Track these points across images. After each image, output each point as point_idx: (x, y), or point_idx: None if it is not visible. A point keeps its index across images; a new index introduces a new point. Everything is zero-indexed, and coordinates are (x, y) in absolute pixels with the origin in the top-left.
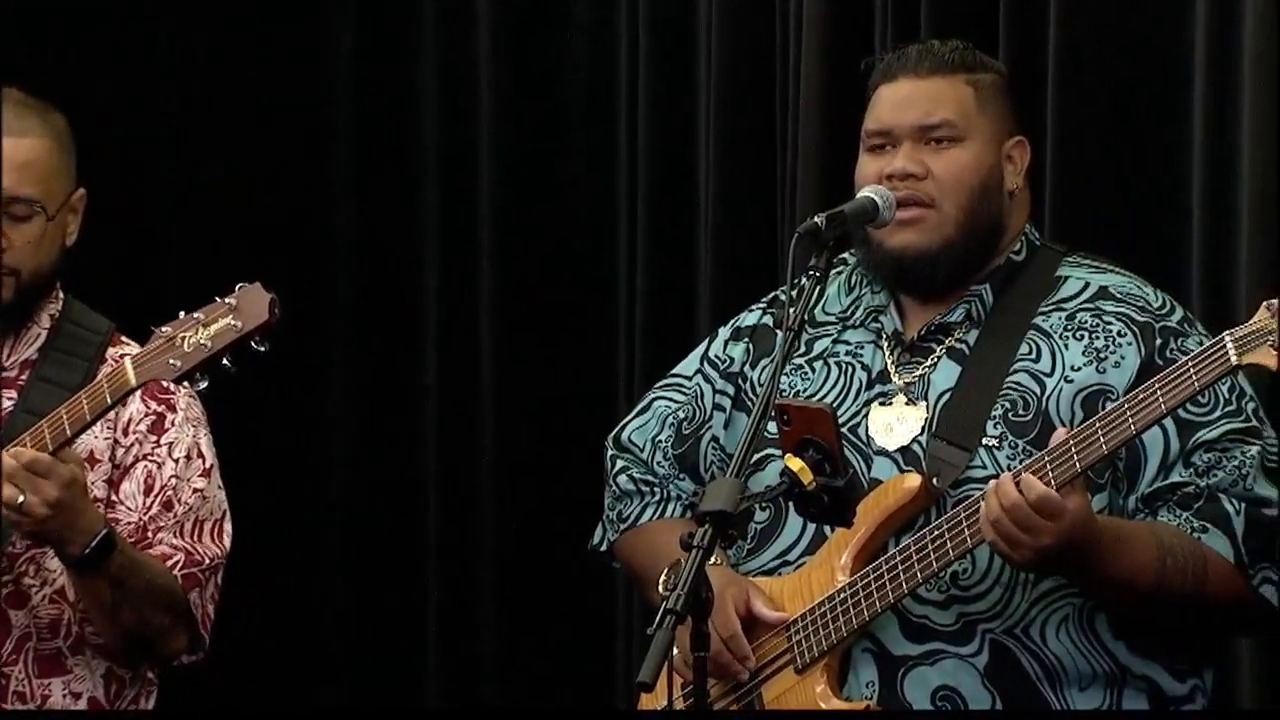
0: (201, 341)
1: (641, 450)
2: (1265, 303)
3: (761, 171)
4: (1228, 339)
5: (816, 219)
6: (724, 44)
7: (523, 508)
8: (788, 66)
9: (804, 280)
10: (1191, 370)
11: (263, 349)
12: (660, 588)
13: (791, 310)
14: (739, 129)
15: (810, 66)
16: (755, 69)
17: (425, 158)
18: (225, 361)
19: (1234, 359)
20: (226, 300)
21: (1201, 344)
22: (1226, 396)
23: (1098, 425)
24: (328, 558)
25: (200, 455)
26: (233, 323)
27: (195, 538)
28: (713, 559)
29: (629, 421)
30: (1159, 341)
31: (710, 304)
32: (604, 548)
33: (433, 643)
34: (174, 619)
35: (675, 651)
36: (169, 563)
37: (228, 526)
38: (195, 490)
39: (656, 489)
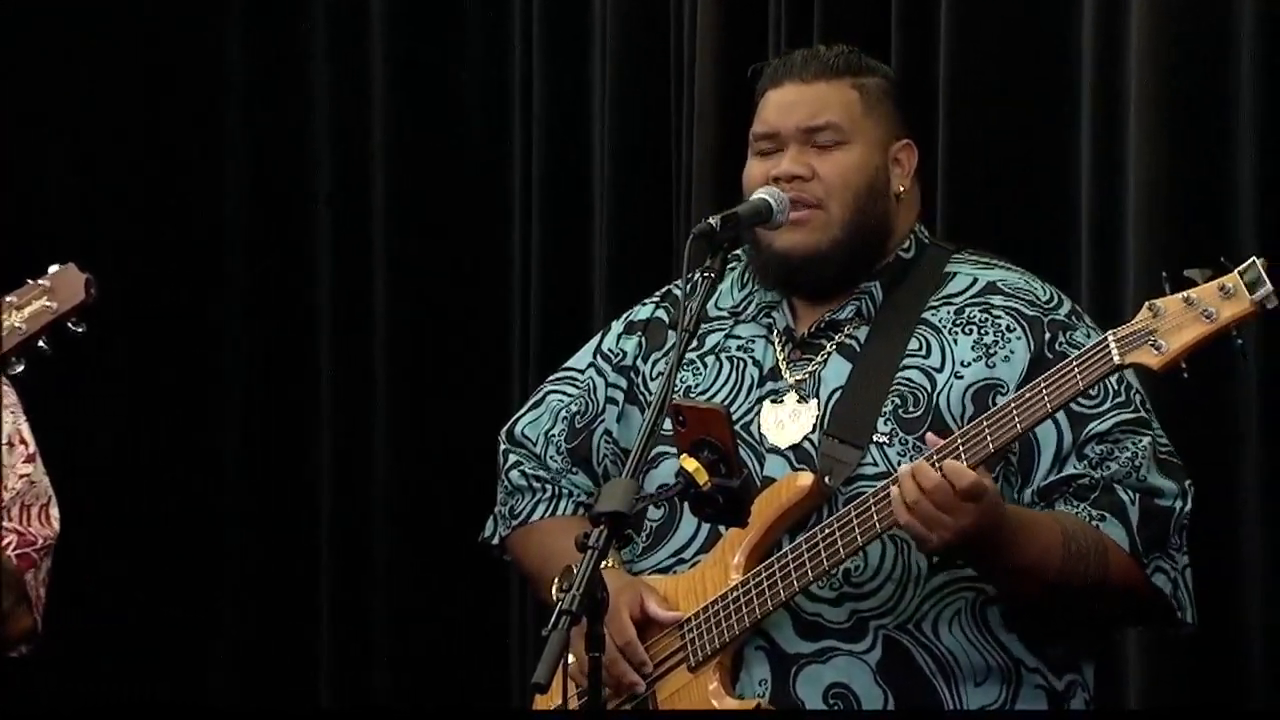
0: (16, 324)
1: (534, 444)
2: (1148, 302)
3: (656, 171)
4: (1111, 339)
5: (711, 220)
6: (618, 44)
7: (416, 503)
8: (682, 67)
9: (698, 279)
10: (1076, 370)
11: (80, 329)
12: (555, 589)
13: (689, 305)
14: (633, 128)
15: (704, 67)
16: (649, 69)
17: (318, 158)
18: (42, 344)
19: (1117, 359)
20: (40, 282)
21: (1090, 336)
22: (1116, 388)
23: (985, 424)
24: (219, 549)
25: (23, 442)
26: (48, 304)
27: (25, 522)
28: (607, 560)
29: (522, 415)
30: (1048, 335)
31: (604, 302)
32: (495, 541)
33: (325, 639)
34: (15, 600)
35: (571, 658)
36: (2, 544)
37: (54, 510)
38: (22, 476)
39: (548, 485)
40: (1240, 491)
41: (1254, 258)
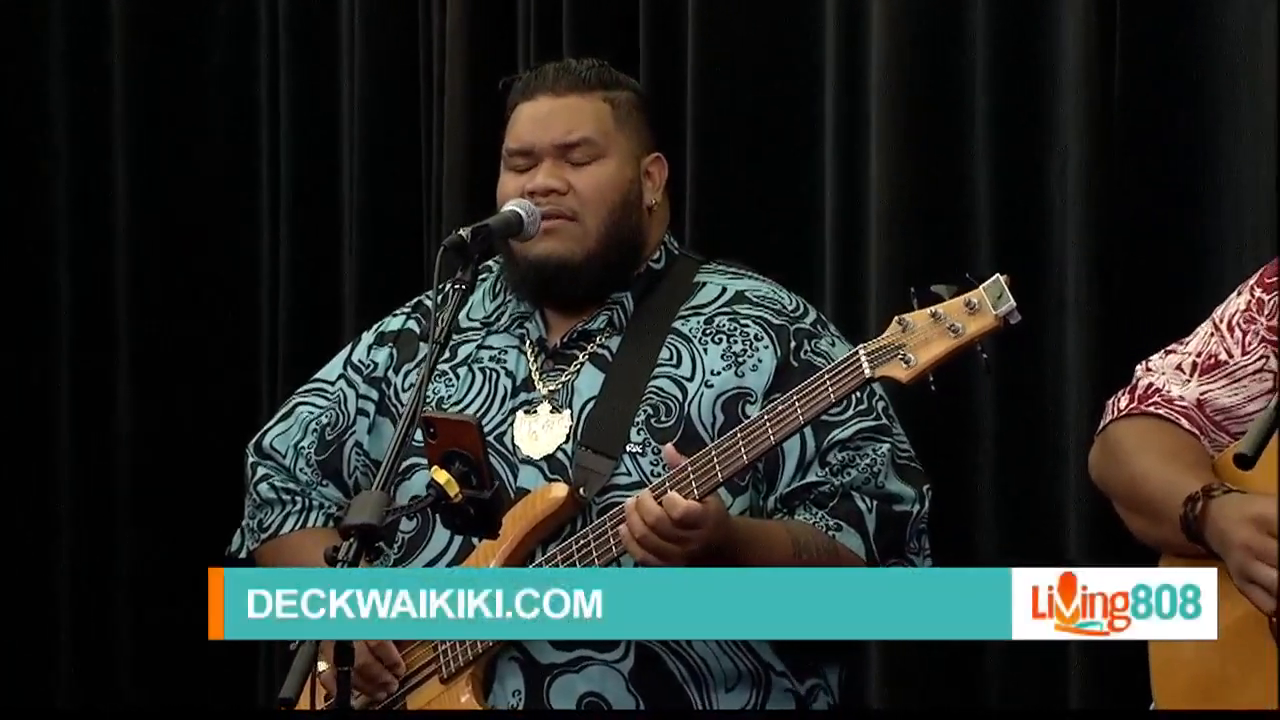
0: None
1: (283, 457)
2: (897, 317)
3: (406, 180)
4: (861, 353)
5: (462, 232)
6: (367, 51)
7: (161, 515)
8: (431, 76)
9: (449, 290)
10: (828, 383)
11: None
12: None
13: (439, 317)
14: (383, 137)
15: (454, 76)
16: (398, 78)
17: (55, 164)
18: None
19: (867, 372)
20: None
21: (834, 345)
22: (859, 396)
23: (739, 436)
24: None
25: None
26: None
27: None
28: None
29: (271, 427)
30: (793, 344)
31: (354, 312)
32: (242, 555)
33: (66, 646)
34: None
35: (322, 666)
36: None
37: None
38: None
39: (298, 497)
40: (977, 494)
41: (997, 274)
